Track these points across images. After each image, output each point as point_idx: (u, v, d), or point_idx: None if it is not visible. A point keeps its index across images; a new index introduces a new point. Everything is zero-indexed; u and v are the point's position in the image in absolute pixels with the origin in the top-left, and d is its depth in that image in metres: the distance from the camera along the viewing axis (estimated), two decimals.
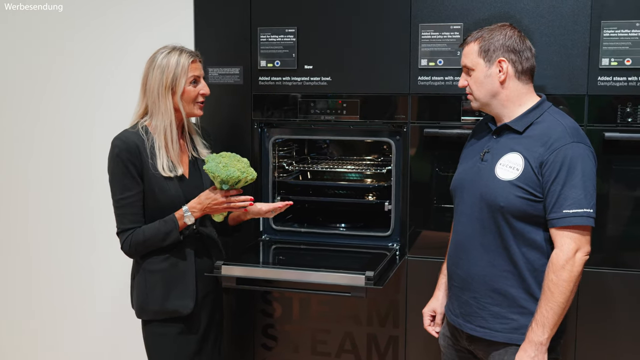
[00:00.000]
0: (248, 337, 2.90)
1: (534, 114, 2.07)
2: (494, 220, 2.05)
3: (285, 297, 2.84)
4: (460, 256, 2.16)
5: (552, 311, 1.95)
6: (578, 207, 1.94)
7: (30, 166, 3.38)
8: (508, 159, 2.05)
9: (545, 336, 1.96)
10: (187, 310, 2.37)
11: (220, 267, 2.43)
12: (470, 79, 2.11)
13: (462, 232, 2.16)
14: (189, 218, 2.31)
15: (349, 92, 2.70)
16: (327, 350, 2.82)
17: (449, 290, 2.27)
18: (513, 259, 2.04)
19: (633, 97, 2.41)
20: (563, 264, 1.94)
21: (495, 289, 2.07)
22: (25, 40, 3.29)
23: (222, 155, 2.32)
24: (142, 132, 2.33)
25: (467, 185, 2.15)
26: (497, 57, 2.06)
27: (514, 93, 2.08)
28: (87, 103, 3.25)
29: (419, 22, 2.57)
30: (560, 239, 1.96)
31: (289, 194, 2.98)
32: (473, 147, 2.23)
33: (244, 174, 2.28)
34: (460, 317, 2.17)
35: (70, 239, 3.35)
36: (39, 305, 3.45)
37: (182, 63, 2.33)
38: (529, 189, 2.00)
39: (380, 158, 3.11)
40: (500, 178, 2.03)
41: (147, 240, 2.30)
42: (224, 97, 2.81)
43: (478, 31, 2.12)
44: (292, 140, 3.08)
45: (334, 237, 2.85)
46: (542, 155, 1.99)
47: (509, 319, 2.07)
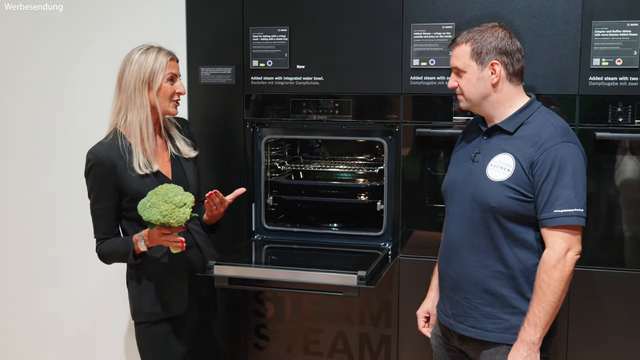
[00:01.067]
0: (240, 336, 2.90)
1: (524, 114, 2.07)
2: (485, 220, 2.05)
3: (277, 296, 2.84)
4: (452, 257, 2.16)
5: (544, 311, 1.95)
6: (569, 206, 1.95)
7: (30, 166, 3.36)
8: (499, 159, 2.05)
9: (538, 335, 1.96)
10: (181, 311, 2.37)
11: (212, 267, 2.42)
12: (461, 80, 2.11)
13: (453, 232, 2.17)
14: (142, 245, 2.28)
15: (341, 92, 2.70)
16: (319, 350, 2.83)
17: (440, 291, 2.27)
18: (504, 259, 2.05)
19: (624, 97, 2.42)
20: (554, 264, 1.95)
21: (487, 289, 2.08)
22: (25, 40, 3.28)
23: (157, 190, 2.18)
24: (117, 139, 2.32)
25: (458, 186, 2.16)
26: (490, 59, 2.05)
27: (505, 95, 2.08)
28: (87, 103, 3.23)
29: (411, 22, 2.58)
30: (552, 238, 1.97)
31: (281, 194, 2.98)
32: (464, 148, 2.23)
33: (165, 217, 2.13)
34: (452, 318, 2.17)
35: (55, 237, 3.34)
36: (27, 305, 3.44)
37: (161, 60, 2.33)
38: (520, 189, 2.00)
39: (373, 158, 3.12)
40: (491, 179, 2.04)
41: (111, 255, 2.35)
42: (216, 96, 2.81)
43: (468, 32, 2.10)
44: (284, 140, 3.07)
45: (326, 236, 2.85)
46: (533, 155, 1.99)
47: (500, 319, 2.07)
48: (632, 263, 2.49)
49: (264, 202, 2.88)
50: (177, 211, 2.16)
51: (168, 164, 2.42)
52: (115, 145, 2.31)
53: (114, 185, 2.30)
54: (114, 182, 2.30)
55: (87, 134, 3.22)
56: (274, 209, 2.98)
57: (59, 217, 3.32)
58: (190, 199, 2.19)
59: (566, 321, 2.53)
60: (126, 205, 2.34)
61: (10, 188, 3.41)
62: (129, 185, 2.30)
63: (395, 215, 2.70)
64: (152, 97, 2.33)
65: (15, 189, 3.40)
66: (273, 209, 2.97)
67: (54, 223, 3.33)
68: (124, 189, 2.31)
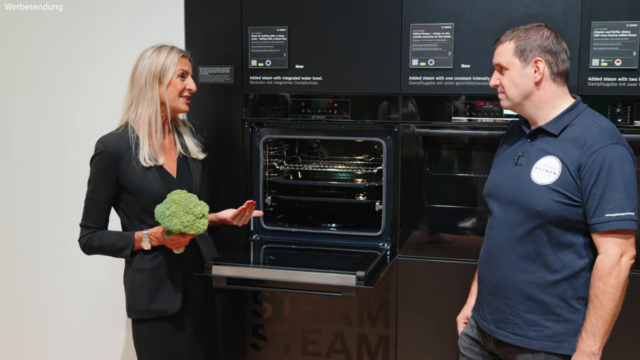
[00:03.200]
0: (238, 337, 2.90)
1: (569, 116, 2.02)
2: (529, 225, 2.00)
3: (275, 297, 2.84)
4: (493, 262, 2.12)
5: (602, 319, 1.91)
6: (621, 210, 1.90)
7: (30, 166, 3.36)
8: (544, 162, 2.00)
9: (597, 346, 1.92)
10: (175, 310, 2.37)
11: (210, 267, 2.42)
12: (504, 78, 2.07)
13: (495, 237, 2.12)
14: (146, 244, 2.31)
15: (340, 91, 2.69)
16: (317, 350, 2.82)
17: (479, 296, 2.22)
18: (548, 265, 2.00)
19: (623, 98, 2.42)
20: (609, 270, 1.90)
21: (529, 295, 2.03)
22: (25, 40, 3.28)
23: (177, 199, 2.23)
24: (127, 131, 2.35)
25: (501, 190, 2.11)
26: (534, 57, 2.02)
27: (548, 94, 2.03)
28: (88, 102, 3.23)
29: (409, 22, 2.57)
30: (605, 244, 1.92)
31: (279, 194, 2.98)
32: (506, 151, 2.18)
33: (186, 227, 2.21)
34: (492, 324, 2.13)
35: (54, 235, 3.34)
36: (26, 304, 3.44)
37: (173, 56, 2.38)
38: (567, 193, 1.95)
39: (371, 158, 3.11)
40: (536, 182, 1.99)
41: (102, 247, 2.35)
42: (215, 96, 2.80)
43: (513, 30, 2.08)
44: (282, 139, 3.07)
45: (324, 237, 2.85)
46: (580, 158, 1.94)
47: (543, 326, 2.02)
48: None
49: (262, 202, 2.87)
50: (197, 222, 2.24)
51: (174, 162, 2.43)
52: (124, 137, 2.34)
53: (115, 177, 2.32)
54: (115, 174, 2.32)
55: (87, 134, 3.22)
56: (272, 209, 2.97)
57: (59, 217, 3.32)
58: (206, 209, 2.28)
59: None
60: (127, 200, 2.35)
61: (11, 188, 3.41)
62: (131, 178, 2.31)
63: (394, 215, 2.70)
64: (162, 92, 2.36)
65: (15, 189, 3.40)
66: (271, 209, 2.97)
67: (54, 222, 3.33)
68: (126, 181, 2.32)
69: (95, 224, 2.36)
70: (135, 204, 2.34)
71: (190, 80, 2.43)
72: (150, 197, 2.31)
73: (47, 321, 3.43)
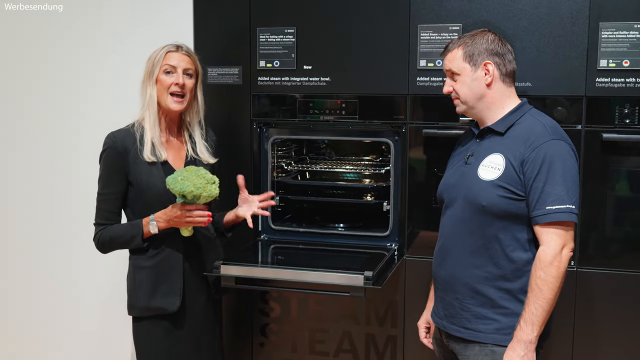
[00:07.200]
0: (246, 336, 2.91)
1: (515, 116, 2.10)
2: (477, 220, 2.06)
3: (283, 296, 2.85)
4: (444, 258, 2.17)
5: (541, 308, 1.95)
6: (561, 203, 1.95)
7: (31, 166, 3.37)
8: (490, 159, 2.07)
9: (535, 334, 1.96)
10: (173, 308, 2.37)
11: (219, 266, 2.43)
12: (456, 83, 2.15)
13: (446, 234, 2.18)
14: (154, 227, 2.31)
15: (348, 92, 2.70)
16: (325, 350, 2.83)
17: (434, 293, 2.28)
18: (495, 260, 2.06)
19: (631, 99, 2.42)
20: (551, 260, 1.95)
21: (478, 290, 2.09)
22: (25, 40, 3.29)
23: (187, 169, 2.26)
24: (135, 128, 2.38)
25: (451, 189, 2.18)
26: (483, 60, 2.10)
27: (498, 95, 2.12)
28: (89, 102, 3.24)
29: (417, 22, 2.58)
30: (546, 235, 1.98)
31: (287, 194, 2.99)
32: (459, 153, 2.26)
33: (198, 189, 2.21)
34: (445, 319, 2.18)
35: (59, 233, 3.35)
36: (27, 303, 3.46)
37: (159, 52, 2.39)
38: (511, 188, 2.01)
39: (379, 158, 3.12)
40: (482, 178, 2.06)
41: (113, 239, 2.35)
42: (223, 97, 2.81)
43: (459, 38, 2.17)
44: (291, 140, 3.08)
45: (332, 237, 2.86)
46: (523, 153, 2.01)
47: (491, 320, 2.08)
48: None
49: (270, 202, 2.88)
50: (210, 186, 2.25)
51: (182, 160, 2.44)
52: (132, 133, 2.37)
53: (123, 171, 2.34)
54: (123, 168, 2.33)
55: (87, 134, 3.25)
56: (280, 209, 2.98)
57: (65, 216, 3.33)
58: (217, 180, 2.29)
59: (572, 323, 2.52)
60: (133, 197, 2.37)
61: (11, 188, 3.42)
62: (137, 173, 2.33)
63: (402, 215, 2.70)
64: (155, 91, 2.38)
65: (15, 189, 3.41)
66: (279, 209, 2.98)
67: (60, 222, 3.35)
68: (132, 177, 2.34)
69: (107, 219, 2.36)
70: (140, 200, 2.35)
71: (176, 75, 2.37)
72: (155, 192, 2.33)
73: (47, 321, 3.44)
